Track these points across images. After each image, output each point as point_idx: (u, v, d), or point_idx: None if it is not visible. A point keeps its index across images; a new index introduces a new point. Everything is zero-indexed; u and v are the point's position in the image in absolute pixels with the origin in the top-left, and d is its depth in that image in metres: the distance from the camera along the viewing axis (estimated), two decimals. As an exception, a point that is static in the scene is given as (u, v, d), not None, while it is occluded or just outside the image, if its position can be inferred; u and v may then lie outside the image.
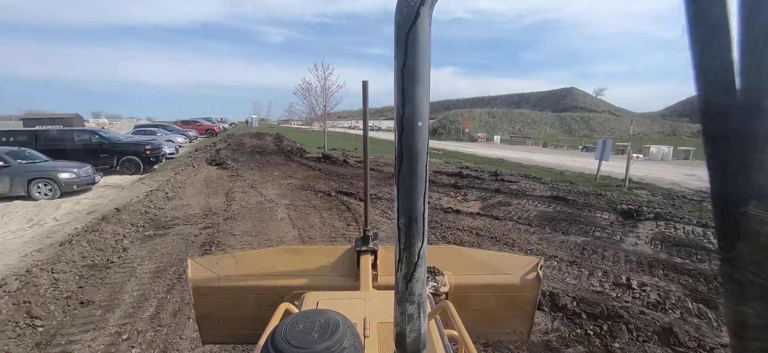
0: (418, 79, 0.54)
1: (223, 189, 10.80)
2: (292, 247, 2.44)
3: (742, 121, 0.36)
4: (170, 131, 25.47)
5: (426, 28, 0.53)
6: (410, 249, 0.61)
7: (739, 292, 0.37)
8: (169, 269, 5.18)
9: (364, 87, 2.19)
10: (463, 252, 2.31)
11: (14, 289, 4.16)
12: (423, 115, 0.56)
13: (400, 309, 0.65)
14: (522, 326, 2.21)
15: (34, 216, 8.00)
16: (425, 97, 0.55)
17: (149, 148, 13.24)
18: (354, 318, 1.03)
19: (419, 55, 0.53)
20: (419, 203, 0.59)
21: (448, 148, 29.11)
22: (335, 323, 0.79)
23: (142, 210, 7.95)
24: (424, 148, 0.57)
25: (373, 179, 12.93)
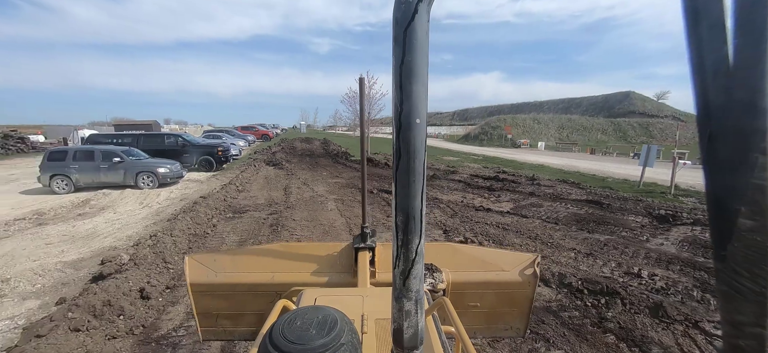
0: (416, 76, 0.54)
1: (281, 186, 12.50)
2: (290, 244, 2.42)
3: (738, 120, 0.36)
4: (232, 136, 28.66)
5: (424, 25, 0.54)
6: (408, 246, 0.61)
7: (732, 292, 0.37)
8: (248, 240, 6.66)
9: (361, 84, 2.31)
10: (460, 249, 2.33)
11: (144, 251, 5.82)
12: (421, 112, 0.56)
13: (397, 306, 0.66)
14: (519, 322, 2.23)
15: (142, 200, 10.18)
16: (423, 94, 0.56)
17: (221, 149, 15.55)
18: (352, 314, 1.00)
19: (417, 52, 0.54)
20: (417, 200, 0.59)
21: (488, 154, 29.19)
22: (333, 319, 0.79)
23: (222, 198, 9.76)
24: (422, 145, 0.58)
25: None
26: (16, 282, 4.87)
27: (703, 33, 0.37)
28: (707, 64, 0.37)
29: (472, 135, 46.12)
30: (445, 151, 30.82)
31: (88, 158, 11.24)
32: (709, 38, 0.37)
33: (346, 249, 2.28)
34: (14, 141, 26.57)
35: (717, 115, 0.37)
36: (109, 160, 11.34)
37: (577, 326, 4.05)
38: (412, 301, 0.65)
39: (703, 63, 0.37)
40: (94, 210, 9.22)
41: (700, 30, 0.37)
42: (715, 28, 0.36)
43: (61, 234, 7.16)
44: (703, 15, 0.37)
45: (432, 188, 12.32)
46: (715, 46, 0.36)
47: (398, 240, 0.62)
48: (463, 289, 2.09)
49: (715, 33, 0.36)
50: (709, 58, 0.37)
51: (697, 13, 0.37)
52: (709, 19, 0.36)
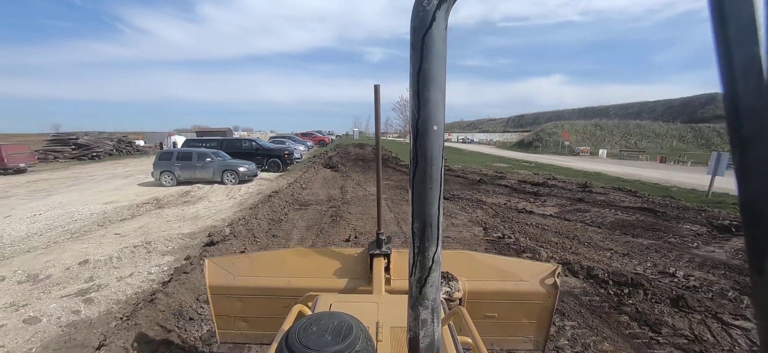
0: (434, 84, 0.54)
1: (338, 185, 13.99)
2: (306, 249, 2.48)
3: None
4: (294, 141, 31.55)
5: (442, 32, 0.53)
6: (424, 253, 0.61)
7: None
8: (313, 226, 8.02)
9: (376, 91, 2.26)
10: (477, 258, 2.29)
11: (239, 228, 7.42)
12: (438, 119, 0.56)
13: (413, 314, 0.65)
14: (538, 335, 2.15)
15: (228, 193, 12.30)
16: (441, 101, 0.56)
17: (287, 153, 17.66)
18: (367, 321, 1.03)
19: (435, 60, 0.54)
20: (434, 208, 0.59)
21: (542, 161, 28.30)
22: (348, 326, 0.79)
23: (290, 193, 11.43)
24: (440, 152, 0.57)
25: (458, 184, 14.61)
26: (155, 245, 6.69)
27: (732, 34, 0.35)
28: (737, 66, 0.35)
29: (526, 141, 44.52)
30: (495, 158, 30.52)
31: (187, 158, 13.81)
32: (738, 39, 0.35)
33: (361, 256, 2.29)
34: (124, 144, 32.29)
35: (749, 119, 0.35)
36: (202, 160, 13.81)
37: (595, 307, 4.57)
38: (428, 310, 0.64)
39: (732, 65, 0.36)
40: (194, 199, 11.45)
41: (729, 30, 0.35)
42: (745, 28, 0.35)
43: (175, 215, 9.23)
44: (731, 15, 0.35)
45: (477, 192, 12.87)
46: (745, 47, 0.35)
47: (415, 248, 0.62)
48: (479, 299, 2.05)
49: (746, 34, 0.35)
50: (739, 59, 0.35)
51: (724, 14, 0.35)
52: (738, 20, 0.35)
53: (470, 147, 51.85)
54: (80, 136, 30.20)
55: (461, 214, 9.39)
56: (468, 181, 15.32)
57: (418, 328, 0.66)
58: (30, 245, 6.81)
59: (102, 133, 32.54)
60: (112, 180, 15.81)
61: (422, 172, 0.58)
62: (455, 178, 16.33)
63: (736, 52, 0.35)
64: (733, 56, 0.36)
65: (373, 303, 1.67)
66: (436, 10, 0.53)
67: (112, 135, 32.89)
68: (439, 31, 0.53)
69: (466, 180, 15.74)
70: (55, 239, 7.19)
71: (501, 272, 2.18)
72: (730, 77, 0.36)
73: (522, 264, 2.26)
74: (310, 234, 7.47)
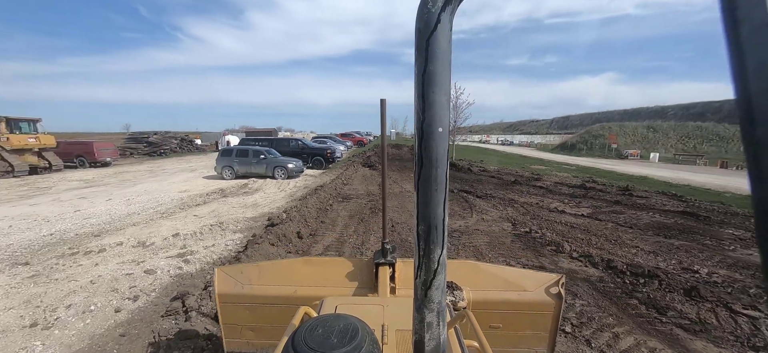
0: (438, 85, 0.55)
1: (376, 182, 15.00)
2: (313, 258, 2.50)
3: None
4: (334, 141, 33.28)
5: (447, 34, 0.54)
6: (430, 256, 0.61)
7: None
8: (355, 215, 9.04)
9: (382, 105, 2.33)
10: (482, 268, 2.30)
11: (293, 214, 8.63)
12: (443, 121, 0.57)
13: (419, 317, 0.65)
14: (543, 346, 2.16)
15: (279, 186, 13.79)
16: (445, 103, 0.56)
17: (330, 151, 19.04)
18: (372, 324, 1.03)
19: (439, 61, 0.54)
20: (439, 210, 0.59)
21: (584, 164, 27.34)
22: (354, 328, 0.79)
23: (333, 188, 12.62)
24: (445, 154, 0.58)
25: (492, 184, 14.99)
26: (226, 225, 8.08)
27: (745, 36, 0.35)
28: (750, 68, 0.35)
29: (569, 144, 42.75)
30: (534, 160, 29.94)
31: (244, 155, 15.60)
32: (751, 42, 0.35)
33: (367, 265, 2.34)
34: (186, 143, 36.11)
35: (762, 122, 0.35)
36: (257, 156, 15.52)
37: (608, 291, 5.05)
38: (434, 312, 0.65)
39: (745, 67, 0.35)
40: (251, 190, 13.06)
41: (741, 33, 0.35)
42: (758, 31, 0.35)
43: (238, 203, 10.75)
44: (744, 18, 0.35)
45: (510, 192, 13.21)
46: (758, 49, 0.35)
47: (420, 250, 0.62)
48: (484, 309, 2.06)
49: (759, 36, 0.35)
50: (752, 62, 0.35)
51: (736, 16, 0.35)
52: (751, 23, 0.35)
53: (509, 149, 50.75)
54: (151, 136, 34.28)
55: (492, 211, 9.93)
56: (502, 182, 15.62)
57: (423, 331, 0.66)
58: (133, 221, 8.52)
59: (167, 133, 36.48)
60: (180, 174, 18.16)
61: (427, 174, 0.58)
62: (490, 179, 16.66)
63: (749, 55, 0.35)
64: (745, 59, 0.36)
65: (379, 305, 1.68)
66: (441, 12, 0.53)
67: (176, 134, 36.74)
68: (444, 33, 0.54)
69: (501, 180, 16.03)
70: (149, 217, 8.88)
71: (505, 282, 2.19)
72: (742, 80, 0.36)
73: (526, 275, 2.27)
74: (352, 221, 8.49)
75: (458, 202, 11.13)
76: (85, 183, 15.15)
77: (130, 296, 4.71)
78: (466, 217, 9.33)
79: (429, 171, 0.58)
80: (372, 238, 7.06)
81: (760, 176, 0.36)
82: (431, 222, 0.60)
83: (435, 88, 0.55)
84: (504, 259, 6.24)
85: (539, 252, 6.65)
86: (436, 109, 0.56)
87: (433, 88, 0.55)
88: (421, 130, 0.58)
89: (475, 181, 15.74)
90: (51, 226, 8.08)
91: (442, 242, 0.62)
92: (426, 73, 0.55)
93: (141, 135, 34.38)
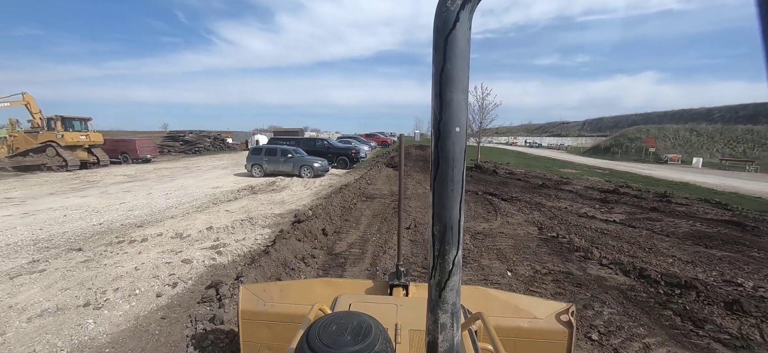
0: (456, 84, 0.54)
1: (396, 183, 15.08)
2: (332, 279, 2.64)
3: None
4: (359, 141, 33.70)
5: (466, 33, 0.53)
6: (445, 257, 0.61)
7: None
8: (378, 214, 9.17)
9: (400, 140, 2.54)
10: (492, 295, 2.30)
11: (319, 211, 8.88)
12: (460, 121, 0.56)
13: (432, 318, 0.65)
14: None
15: (305, 184, 14.20)
16: (463, 103, 0.56)
17: (354, 151, 19.36)
18: (386, 323, 1.02)
19: (458, 60, 0.54)
20: (455, 211, 0.59)
21: (619, 168, 26.04)
22: (368, 326, 0.79)
23: (357, 187, 12.84)
24: (462, 153, 0.58)
25: (518, 187, 14.65)
26: (256, 220, 8.46)
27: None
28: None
29: (602, 147, 40.78)
30: (563, 163, 28.89)
31: (272, 154, 16.19)
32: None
33: (381, 286, 2.40)
34: (219, 141, 37.83)
35: None
36: (284, 155, 16.06)
37: (640, 301, 4.85)
38: (448, 314, 0.64)
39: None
40: (279, 188, 13.54)
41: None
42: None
43: (266, 200, 11.19)
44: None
45: (537, 195, 12.86)
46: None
47: (435, 251, 0.62)
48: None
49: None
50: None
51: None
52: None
53: (537, 151, 49.19)
54: (186, 134, 36.21)
55: (518, 215, 9.73)
56: (529, 185, 15.22)
57: (437, 332, 0.65)
58: (171, 214, 9.11)
59: (202, 132, 38.33)
60: (213, 171, 19.09)
61: (443, 174, 0.58)
62: (516, 182, 16.28)
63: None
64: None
65: (393, 305, 1.68)
66: (461, 11, 0.53)
67: (210, 133, 38.50)
68: (463, 31, 0.53)
69: (528, 184, 15.63)
70: (186, 211, 9.45)
71: (516, 309, 2.18)
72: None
73: (535, 302, 2.27)
74: (375, 220, 8.62)
75: (482, 204, 10.99)
76: (129, 178, 16.28)
77: (170, 283, 5.07)
78: (490, 220, 9.21)
79: (445, 171, 0.58)
80: (394, 238, 7.15)
81: None
82: (447, 223, 0.60)
83: (452, 87, 0.55)
84: (529, 263, 6.13)
85: (566, 257, 6.47)
86: (454, 108, 0.56)
87: (451, 87, 0.55)
88: (438, 130, 0.58)
89: (501, 184, 15.44)
90: (100, 217, 8.80)
91: (457, 243, 0.62)
92: (444, 71, 0.55)
93: (178, 133, 36.39)
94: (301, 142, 19.73)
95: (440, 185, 0.60)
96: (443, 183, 0.60)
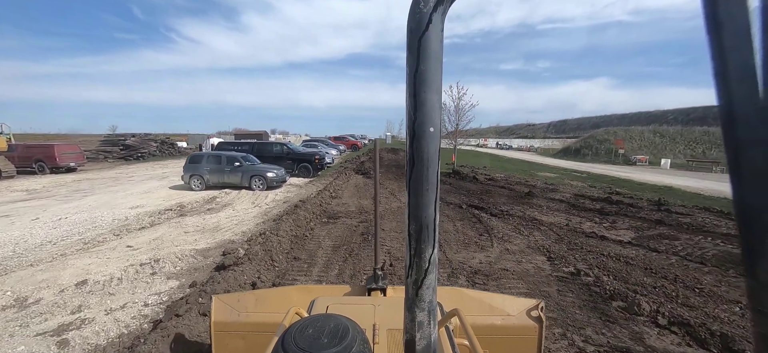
0: (430, 85, 0.55)
1: (370, 194, 12.87)
2: (309, 286, 2.58)
3: (766, 128, 0.35)
4: (326, 145, 31.10)
5: (438, 34, 0.54)
6: (421, 255, 0.61)
7: (765, 307, 0.37)
8: (342, 246, 6.90)
9: (375, 144, 2.65)
10: (467, 294, 2.36)
11: (255, 248, 6.49)
12: (434, 121, 0.56)
13: (410, 316, 0.65)
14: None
15: (254, 200, 11.59)
16: (437, 103, 0.56)
17: (318, 158, 16.89)
18: (363, 324, 0.99)
19: (431, 61, 0.54)
20: (430, 209, 0.59)
21: (594, 171, 25.48)
22: (344, 328, 0.78)
23: (319, 203, 10.47)
24: (436, 153, 0.58)
25: (504, 197, 12.96)
26: (163, 264, 5.90)
27: (727, 40, 0.35)
28: (731, 71, 0.36)
29: (573, 149, 40.98)
30: (540, 166, 28.07)
31: (216, 162, 13.39)
32: (732, 46, 0.35)
33: (360, 291, 2.40)
34: (167, 146, 33.61)
35: (743, 125, 0.36)
36: (231, 164, 13.32)
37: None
38: (424, 312, 0.64)
39: (727, 71, 0.36)
40: (219, 206, 10.85)
41: (723, 37, 0.36)
42: (739, 35, 0.35)
43: (195, 225, 8.55)
44: (725, 22, 0.35)
45: (528, 207, 11.17)
46: (739, 53, 0.35)
47: (411, 250, 0.62)
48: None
49: (740, 40, 0.35)
50: (734, 66, 0.35)
51: (718, 20, 0.36)
52: (732, 27, 0.35)
53: (509, 153, 49.01)
54: (128, 138, 31.81)
55: (516, 238, 7.86)
56: (515, 194, 13.58)
57: (414, 330, 0.66)
58: (40, 255, 6.29)
59: (148, 135, 34.12)
60: (148, 182, 15.87)
61: (418, 174, 0.58)
62: (499, 190, 14.60)
63: (731, 59, 0.36)
64: (727, 62, 0.36)
65: (370, 305, 1.68)
66: (433, 13, 0.53)
67: (157, 136, 34.36)
68: (435, 33, 0.54)
69: (513, 192, 13.99)
70: (65, 249, 6.65)
71: (489, 307, 2.23)
72: (724, 83, 0.37)
73: (508, 300, 2.32)
74: (337, 256, 6.35)
75: (470, 223, 9.05)
76: (28, 195, 12.82)
77: None
78: (486, 247, 7.25)
79: (420, 171, 0.58)
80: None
81: (740, 177, 0.37)
82: (423, 222, 0.60)
83: (426, 88, 0.55)
84: (560, 329, 4.16)
85: (604, 312, 4.58)
86: (428, 108, 0.56)
87: (425, 88, 0.55)
88: (413, 130, 0.57)
89: (484, 193, 13.67)
90: None
91: (433, 242, 0.62)
92: (418, 72, 0.55)
93: (118, 137, 31.90)
94: (256, 147, 16.97)
95: (416, 185, 0.59)
96: (419, 183, 0.58)
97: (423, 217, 0.60)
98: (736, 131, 0.36)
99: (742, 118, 0.36)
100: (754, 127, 0.35)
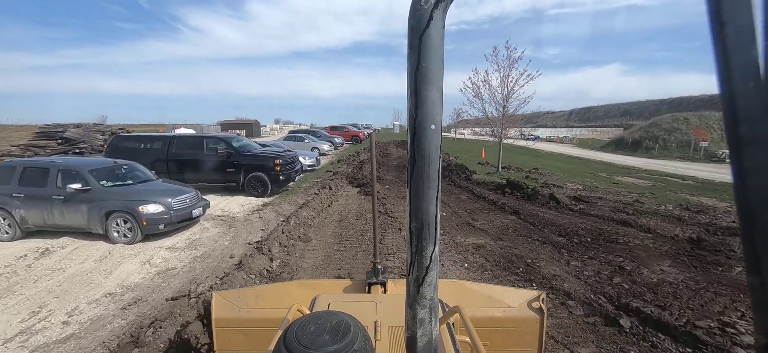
0: (431, 82, 0.54)
1: (368, 231, 5.90)
2: (310, 281, 2.58)
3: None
4: (318, 137, 24.13)
5: (439, 31, 0.53)
6: (422, 252, 0.60)
7: (767, 305, 0.36)
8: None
9: (371, 138, 2.55)
10: (467, 287, 2.33)
11: None
12: (435, 118, 0.56)
13: (411, 313, 0.64)
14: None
15: (104, 269, 4.62)
16: (438, 100, 0.56)
17: (279, 163, 9.89)
18: (365, 321, 0.99)
19: (432, 58, 0.53)
20: (432, 207, 0.58)
21: (662, 168, 18.18)
22: (346, 325, 0.79)
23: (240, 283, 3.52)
24: (437, 151, 0.57)
25: (658, 254, 5.84)
26: None
27: (730, 36, 0.35)
28: (735, 68, 0.36)
29: (630, 140, 33.23)
30: (606, 166, 20.72)
31: (38, 183, 6.32)
32: (736, 41, 0.35)
33: (359, 285, 2.37)
34: (122, 139, 27.08)
35: (746, 121, 0.36)
36: (65, 185, 6.19)
37: None
38: (426, 309, 0.64)
39: (730, 67, 0.36)
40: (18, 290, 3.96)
41: (727, 33, 0.35)
42: (743, 31, 0.35)
43: None
44: (729, 18, 0.35)
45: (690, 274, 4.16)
46: (743, 49, 0.35)
47: (412, 247, 0.61)
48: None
49: (744, 36, 0.35)
50: (737, 62, 0.36)
51: (722, 16, 0.36)
52: (736, 23, 0.35)
53: (539, 145, 41.50)
54: (69, 129, 25.34)
55: None
56: (671, 241, 6.42)
57: (415, 327, 0.65)
58: None
59: (97, 125, 27.71)
60: None
61: (420, 171, 0.58)
62: (621, 228, 7.37)
63: (734, 55, 0.36)
64: (731, 58, 0.36)
65: (371, 302, 1.67)
66: (434, 10, 0.53)
67: (107, 127, 27.86)
68: (436, 30, 0.54)
69: (658, 237, 6.83)
70: None
71: (490, 299, 2.19)
72: (728, 79, 0.37)
73: (508, 291, 2.27)
74: None
75: None
76: None
77: None
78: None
79: (421, 168, 0.58)
80: None
81: (742, 172, 0.37)
82: (424, 219, 0.59)
83: (427, 85, 0.55)
84: None
85: None
86: (429, 105, 0.55)
87: (426, 85, 0.55)
88: (414, 127, 0.57)
89: (608, 242, 6.53)
90: None
91: (434, 239, 0.61)
92: (419, 69, 0.55)
93: (56, 129, 25.39)
94: (173, 145, 10.03)
95: (417, 182, 0.58)
96: (420, 180, 0.58)
97: (424, 215, 0.59)
98: (739, 128, 0.36)
99: (745, 115, 0.36)
100: (757, 123, 0.35)
